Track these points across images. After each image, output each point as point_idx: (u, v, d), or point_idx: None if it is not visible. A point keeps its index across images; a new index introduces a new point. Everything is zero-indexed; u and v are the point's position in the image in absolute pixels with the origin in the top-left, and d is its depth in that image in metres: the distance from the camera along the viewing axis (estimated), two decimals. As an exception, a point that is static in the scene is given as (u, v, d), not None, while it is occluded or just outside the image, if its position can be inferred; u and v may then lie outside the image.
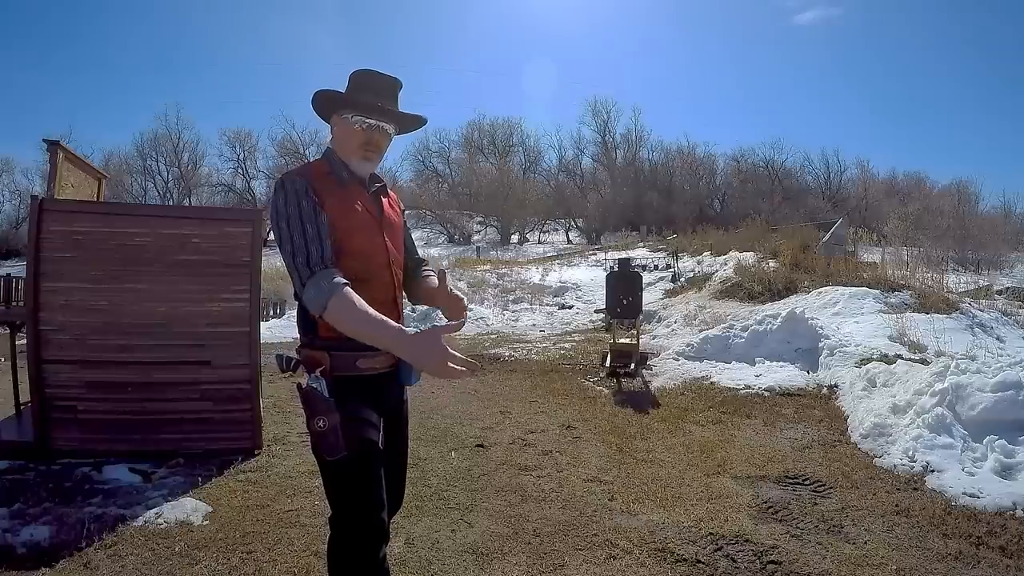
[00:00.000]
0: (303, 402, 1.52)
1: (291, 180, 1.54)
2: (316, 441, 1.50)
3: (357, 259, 1.57)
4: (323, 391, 1.50)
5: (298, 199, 1.51)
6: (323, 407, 1.49)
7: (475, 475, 3.54)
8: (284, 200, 1.52)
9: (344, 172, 1.62)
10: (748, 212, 29.40)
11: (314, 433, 1.49)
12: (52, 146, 4.24)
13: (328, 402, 1.49)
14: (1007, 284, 14.98)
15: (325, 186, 1.57)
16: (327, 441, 1.48)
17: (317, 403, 1.49)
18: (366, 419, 1.56)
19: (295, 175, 1.56)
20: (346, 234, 1.56)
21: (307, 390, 1.51)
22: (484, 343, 9.18)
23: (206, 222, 4.01)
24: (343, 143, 1.64)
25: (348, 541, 1.54)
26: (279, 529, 2.80)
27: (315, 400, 1.49)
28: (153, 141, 46.49)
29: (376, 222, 1.65)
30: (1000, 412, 3.73)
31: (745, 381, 5.76)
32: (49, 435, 3.56)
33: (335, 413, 1.48)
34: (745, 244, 15.88)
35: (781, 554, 2.58)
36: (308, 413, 1.50)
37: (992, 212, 37.43)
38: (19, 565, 2.41)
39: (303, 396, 1.52)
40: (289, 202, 1.51)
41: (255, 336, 3.87)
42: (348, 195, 1.61)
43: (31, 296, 3.55)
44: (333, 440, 1.48)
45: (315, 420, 1.48)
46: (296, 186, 1.53)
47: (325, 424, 1.47)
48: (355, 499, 1.54)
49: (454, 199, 43.20)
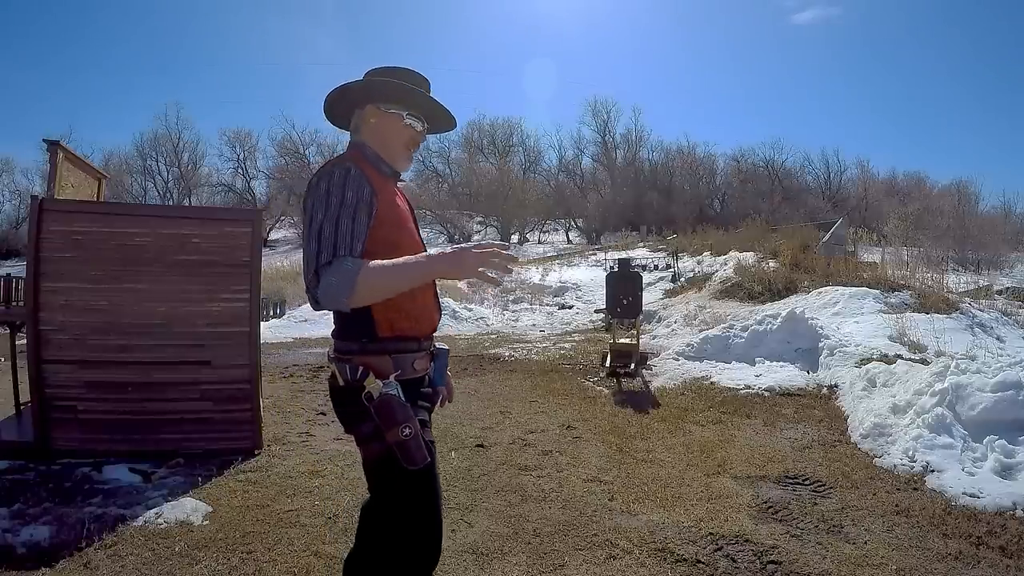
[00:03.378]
0: (379, 411, 1.39)
1: (343, 168, 1.42)
2: (397, 451, 1.38)
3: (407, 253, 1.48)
4: (400, 396, 1.41)
5: (345, 187, 1.39)
6: (404, 414, 1.38)
7: (475, 475, 3.54)
8: (328, 187, 1.40)
9: (382, 165, 1.56)
10: (748, 212, 29.41)
11: (395, 443, 1.37)
12: (52, 146, 4.24)
13: (407, 408, 1.40)
14: (1007, 284, 14.98)
15: (376, 178, 1.48)
16: (411, 450, 1.38)
17: (398, 411, 1.38)
18: (426, 421, 1.50)
19: (349, 162, 1.44)
20: (396, 228, 1.49)
21: (383, 398, 1.39)
22: (484, 343, 9.18)
23: (206, 222, 4.00)
24: (386, 137, 1.56)
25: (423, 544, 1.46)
26: (279, 529, 2.80)
27: (396, 408, 1.38)
28: (153, 141, 46.54)
29: (412, 216, 1.63)
30: (1000, 412, 3.73)
31: (745, 381, 5.76)
32: (49, 435, 3.56)
33: (415, 419, 1.40)
34: (745, 244, 15.89)
35: (781, 554, 2.58)
36: (386, 422, 1.38)
37: (992, 212, 37.44)
38: (19, 565, 2.41)
39: (379, 405, 1.39)
40: (334, 190, 1.39)
41: (255, 336, 3.87)
42: (392, 189, 1.55)
43: (31, 296, 3.55)
44: (416, 447, 1.39)
45: (400, 428, 1.37)
46: (351, 174, 1.41)
47: (411, 431, 1.38)
48: (432, 502, 1.47)
49: (454, 199, 43.19)
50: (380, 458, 1.42)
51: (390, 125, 1.56)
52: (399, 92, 1.55)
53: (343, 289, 1.32)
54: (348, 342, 1.47)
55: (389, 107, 1.55)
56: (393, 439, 1.37)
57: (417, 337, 1.52)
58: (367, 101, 1.56)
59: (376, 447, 1.41)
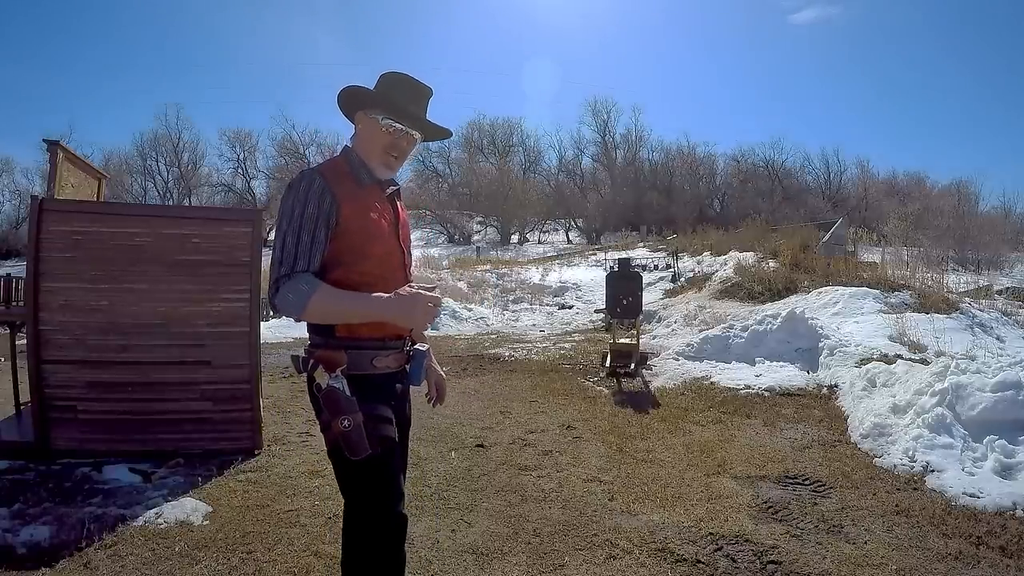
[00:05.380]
0: (324, 402, 1.49)
1: (309, 178, 1.50)
2: (341, 441, 1.46)
3: (375, 262, 1.55)
4: (345, 390, 1.48)
5: (306, 201, 1.47)
6: (346, 406, 1.46)
7: (475, 475, 3.54)
8: (293, 199, 1.48)
9: (363, 172, 1.59)
10: (748, 212, 29.42)
11: (338, 433, 1.46)
12: (52, 146, 4.24)
13: (351, 401, 1.47)
14: (1007, 284, 14.98)
15: (344, 187, 1.53)
16: (352, 440, 1.46)
17: (340, 403, 1.47)
18: (384, 416, 1.56)
19: (315, 173, 1.52)
20: (365, 238, 1.54)
21: (328, 390, 1.48)
22: (484, 343, 9.18)
23: (206, 222, 4.00)
24: (367, 142, 1.61)
25: (372, 536, 1.53)
26: (279, 529, 2.80)
27: (338, 400, 1.47)
28: (153, 141, 46.54)
29: (392, 225, 1.63)
30: (1000, 412, 3.73)
31: (745, 381, 5.76)
32: (49, 435, 3.56)
33: (358, 412, 1.47)
34: (745, 244, 15.89)
35: (781, 554, 2.58)
36: (330, 413, 1.47)
37: (992, 212, 37.46)
38: (19, 565, 2.41)
39: (324, 396, 1.49)
40: (297, 203, 1.48)
41: (255, 336, 3.87)
42: (366, 197, 1.58)
43: (31, 296, 3.55)
44: (358, 439, 1.46)
45: (339, 420, 1.45)
46: (313, 186, 1.49)
47: (350, 424, 1.45)
48: (378, 494, 1.54)
49: (454, 199, 43.21)
50: (333, 446, 1.51)
51: (372, 130, 1.59)
52: (378, 98, 1.60)
53: (296, 306, 1.44)
54: (313, 335, 1.57)
55: (372, 112, 1.59)
56: (336, 429, 1.46)
57: (377, 337, 1.56)
58: (357, 108, 1.63)
59: (330, 436, 1.50)
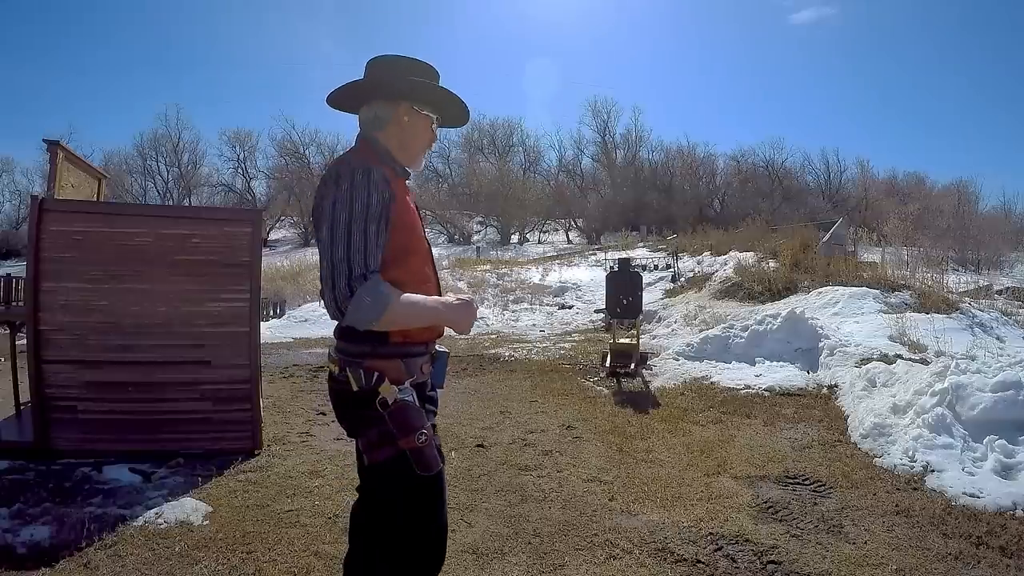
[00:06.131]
0: (395, 418, 1.35)
1: (365, 168, 1.35)
2: (413, 457, 1.35)
3: (420, 259, 1.47)
4: (415, 402, 1.38)
5: (369, 192, 1.33)
6: (420, 420, 1.36)
7: (475, 475, 3.54)
8: (352, 190, 1.33)
9: (397, 165, 1.50)
10: (748, 212, 29.44)
11: (412, 449, 1.34)
12: (52, 146, 4.24)
13: (421, 413, 1.38)
14: (1007, 284, 15.00)
15: (393, 180, 1.42)
16: (426, 456, 1.36)
17: (414, 416, 1.36)
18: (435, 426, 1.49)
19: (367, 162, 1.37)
20: (411, 233, 1.44)
21: (400, 404, 1.35)
22: (484, 343, 9.18)
23: (206, 222, 4.00)
24: (411, 137, 1.51)
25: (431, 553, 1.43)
26: (279, 529, 2.80)
27: (412, 413, 1.36)
28: (153, 141, 46.66)
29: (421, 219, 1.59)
30: (1000, 412, 3.73)
31: (745, 381, 5.76)
32: (49, 435, 3.56)
33: (428, 425, 1.38)
34: (745, 244, 15.89)
35: (781, 554, 2.58)
36: (403, 429, 1.34)
37: (992, 212, 37.51)
38: (19, 565, 2.41)
39: (395, 411, 1.35)
40: (358, 194, 1.32)
41: (255, 336, 3.86)
42: (404, 190, 1.48)
43: (31, 296, 3.55)
44: (431, 454, 1.37)
45: (417, 435, 1.34)
46: (373, 176, 1.35)
47: (426, 438, 1.36)
48: (439, 509, 1.44)
49: (454, 199, 43.23)
50: (389, 463, 1.37)
51: (420, 126, 1.52)
52: (437, 95, 1.51)
53: (374, 313, 1.29)
54: (357, 344, 1.39)
55: (424, 108, 1.51)
56: (408, 446, 1.34)
57: (425, 341, 1.49)
58: (402, 98, 1.49)
59: (387, 452, 1.36)
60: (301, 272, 22.68)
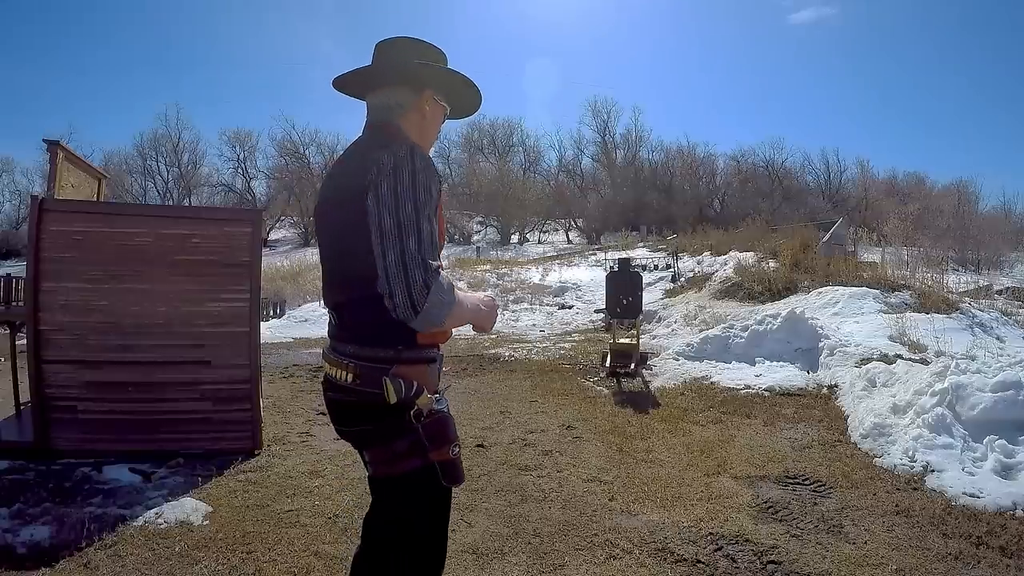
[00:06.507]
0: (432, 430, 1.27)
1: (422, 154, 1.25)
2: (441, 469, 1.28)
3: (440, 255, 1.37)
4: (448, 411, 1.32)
5: (429, 181, 1.23)
6: (454, 431, 1.31)
7: (475, 475, 3.54)
8: (413, 176, 1.21)
9: None
10: (748, 212, 29.45)
11: (445, 462, 1.28)
12: (52, 146, 4.24)
13: (454, 424, 1.32)
14: (1007, 284, 15.01)
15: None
16: (459, 467, 1.30)
17: (451, 427, 1.30)
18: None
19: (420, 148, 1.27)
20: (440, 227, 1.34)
21: (438, 416, 1.28)
22: (484, 343, 9.17)
23: (206, 222, 4.00)
24: (431, 127, 1.44)
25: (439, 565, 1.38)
26: (279, 529, 2.80)
27: (450, 424, 1.30)
28: (153, 141, 46.69)
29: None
30: (1000, 412, 3.73)
31: (745, 381, 5.76)
32: (49, 435, 3.56)
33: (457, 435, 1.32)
34: (745, 244, 15.90)
35: (781, 554, 2.58)
36: (438, 441, 1.27)
37: (992, 212, 37.53)
38: (19, 565, 2.41)
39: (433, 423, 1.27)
40: (421, 182, 1.21)
41: (255, 336, 3.86)
42: None
43: (31, 296, 3.55)
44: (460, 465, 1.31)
45: (451, 447, 1.28)
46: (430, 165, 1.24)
47: (459, 450, 1.30)
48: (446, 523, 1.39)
49: (454, 199, 43.22)
50: (413, 475, 1.28)
51: (438, 117, 1.46)
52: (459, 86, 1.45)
53: (443, 313, 1.19)
54: (381, 348, 1.27)
55: (441, 98, 1.44)
56: (441, 458, 1.27)
57: (439, 344, 1.41)
58: (426, 86, 1.40)
59: (413, 463, 1.27)
60: (301, 272, 22.66)
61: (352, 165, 1.31)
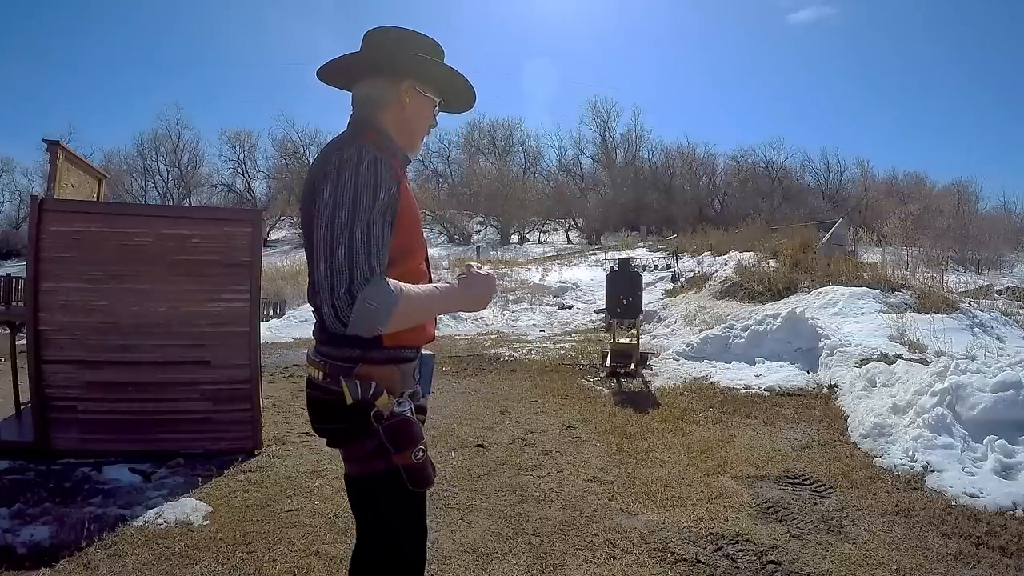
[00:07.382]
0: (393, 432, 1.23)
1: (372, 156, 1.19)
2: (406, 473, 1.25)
3: (419, 257, 1.32)
4: (413, 414, 1.28)
5: (377, 185, 1.17)
6: (419, 433, 1.27)
7: (475, 475, 3.54)
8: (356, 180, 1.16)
9: (399, 153, 1.33)
10: (748, 212, 29.45)
11: (408, 466, 1.25)
12: (52, 146, 4.25)
13: (419, 428, 1.28)
14: (1007, 284, 15.01)
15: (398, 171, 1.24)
16: (425, 472, 1.27)
17: (414, 430, 1.26)
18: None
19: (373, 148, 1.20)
20: (413, 229, 1.29)
21: (399, 419, 1.24)
22: (484, 343, 9.17)
23: (206, 222, 4.01)
24: (413, 121, 1.36)
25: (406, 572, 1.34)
26: (279, 529, 2.80)
27: (412, 427, 1.26)
28: (153, 141, 46.66)
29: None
30: (1000, 412, 3.73)
31: (745, 381, 5.76)
32: (49, 435, 3.56)
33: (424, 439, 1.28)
34: (745, 244, 15.90)
35: (781, 554, 2.58)
36: (400, 444, 1.24)
37: (992, 212, 37.52)
38: (19, 565, 2.41)
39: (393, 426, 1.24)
40: (364, 186, 1.16)
41: (255, 336, 3.86)
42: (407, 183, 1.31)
43: (31, 296, 3.55)
44: (428, 467, 1.28)
45: (414, 451, 1.25)
46: (381, 167, 1.18)
47: (423, 454, 1.26)
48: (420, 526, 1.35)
49: (454, 199, 43.24)
50: (378, 476, 1.26)
51: (424, 110, 1.37)
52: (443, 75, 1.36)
53: (381, 318, 1.14)
54: (345, 347, 1.24)
55: (427, 89, 1.36)
56: (404, 462, 1.24)
57: (417, 345, 1.37)
58: (405, 76, 1.32)
59: (379, 466, 1.25)
60: (301, 272, 22.64)
61: (315, 165, 1.28)
